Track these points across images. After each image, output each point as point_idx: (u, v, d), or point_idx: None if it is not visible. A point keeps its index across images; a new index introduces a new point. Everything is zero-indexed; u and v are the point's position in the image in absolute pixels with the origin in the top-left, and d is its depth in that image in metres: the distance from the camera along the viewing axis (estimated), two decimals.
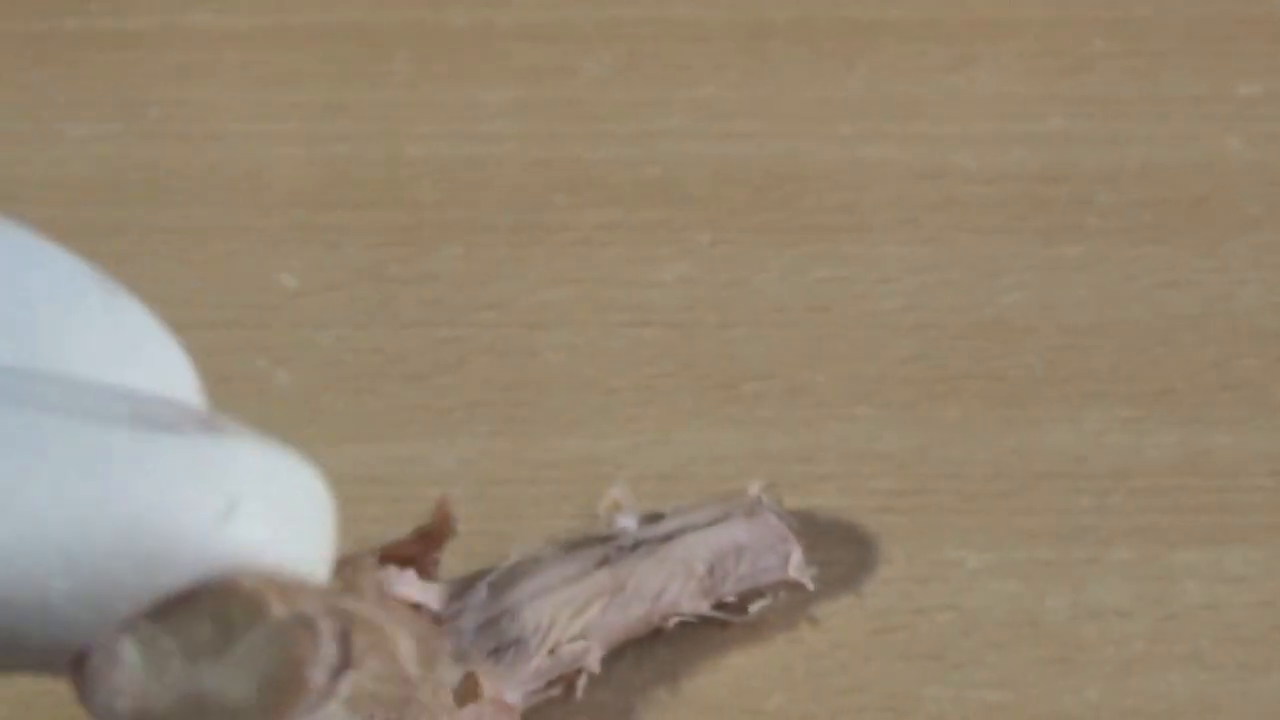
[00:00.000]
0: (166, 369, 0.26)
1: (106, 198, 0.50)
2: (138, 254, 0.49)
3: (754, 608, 0.43)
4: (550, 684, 0.41)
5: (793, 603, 0.43)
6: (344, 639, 0.22)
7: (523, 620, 0.40)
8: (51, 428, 0.21)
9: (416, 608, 0.40)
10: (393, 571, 0.40)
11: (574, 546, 0.42)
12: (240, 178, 0.50)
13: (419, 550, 0.41)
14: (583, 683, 0.41)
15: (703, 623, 0.42)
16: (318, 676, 0.21)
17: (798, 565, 0.43)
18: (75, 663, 0.21)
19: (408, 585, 0.40)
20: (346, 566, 0.40)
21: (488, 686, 0.39)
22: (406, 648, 0.32)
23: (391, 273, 0.49)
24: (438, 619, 0.40)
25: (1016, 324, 0.48)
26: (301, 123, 0.51)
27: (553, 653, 0.40)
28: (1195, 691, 0.42)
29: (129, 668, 0.20)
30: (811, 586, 0.43)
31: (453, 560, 0.41)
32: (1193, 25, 0.53)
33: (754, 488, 0.43)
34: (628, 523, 0.42)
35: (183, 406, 0.25)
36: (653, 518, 0.42)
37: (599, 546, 0.42)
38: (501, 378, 0.47)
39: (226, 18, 0.53)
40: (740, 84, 0.52)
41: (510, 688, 0.40)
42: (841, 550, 0.44)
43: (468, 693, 0.39)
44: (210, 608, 0.21)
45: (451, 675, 0.38)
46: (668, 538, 0.42)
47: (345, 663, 0.22)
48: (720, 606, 0.42)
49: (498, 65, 0.53)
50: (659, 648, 0.42)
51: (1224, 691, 0.42)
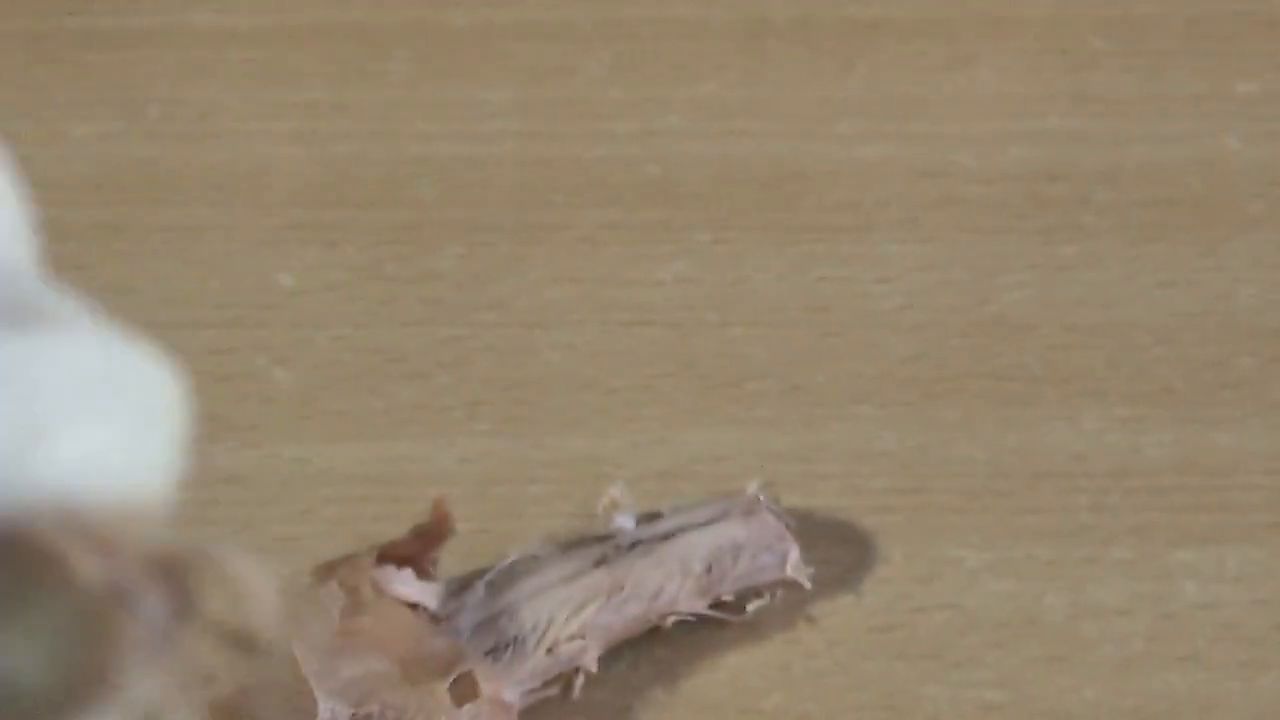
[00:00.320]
0: None
1: (107, 197, 0.50)
2: (138, 253, 0.49)
3: (752, 607, 0.43)
4: (548, 683, 0.41)
5: (791, 602, 0.43)
6: (176, 606, 0.17)
7: (520, 619, 0.40)
8: None
9: (414, 607, 0.40)
10: (391, 571, 0.40)
11: (572, 546, 0.42)
12: (240, 177, 0.50)
13: (417, 549, 0.41)
14: (580, 682, 0.41)
15: (700, 622, 0.42)
16: (129, 661, 0.16)
17: (796, 564, 0.43)
18: None
19: (405, 584, 0.40)
20: (344, 566, 0.40)
21: (485, 685, 0.39)
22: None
23: (391, 272, 0.49)
24: (435, 618, 0.40)
25: (1016, 323, 0.48)
26: (301, 122, 0.51)
27: (550, 652, 0.40)
28: (1193, 690, 0.42)
29: None
30: (809, 585, 0.43)
31: (451, 559, 0.41)
32: (1192, 24, 0.53)
33: (752, 487, 0.43)
34: (626, 522, 0.42)
35: None
36: (651, 517, 0.42)
37: (597, 546, 0.42)
38: (501, 377, 0.47)
39: (227, 17, 0.53)
40: (740, 84, 0.52)
41: (508, 687, 0.40)
42: (840, 549, 0.44)
43: (465, 692, 0.39)
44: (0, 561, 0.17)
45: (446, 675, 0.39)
46: (665, 537, 0.42)
47: (170, 640, 0.17)
48: (718, 606, 0.42)
49: (498, 65, 0.53)
50: (657, 647, 0.42)
51: (1222, 690, 0.42)
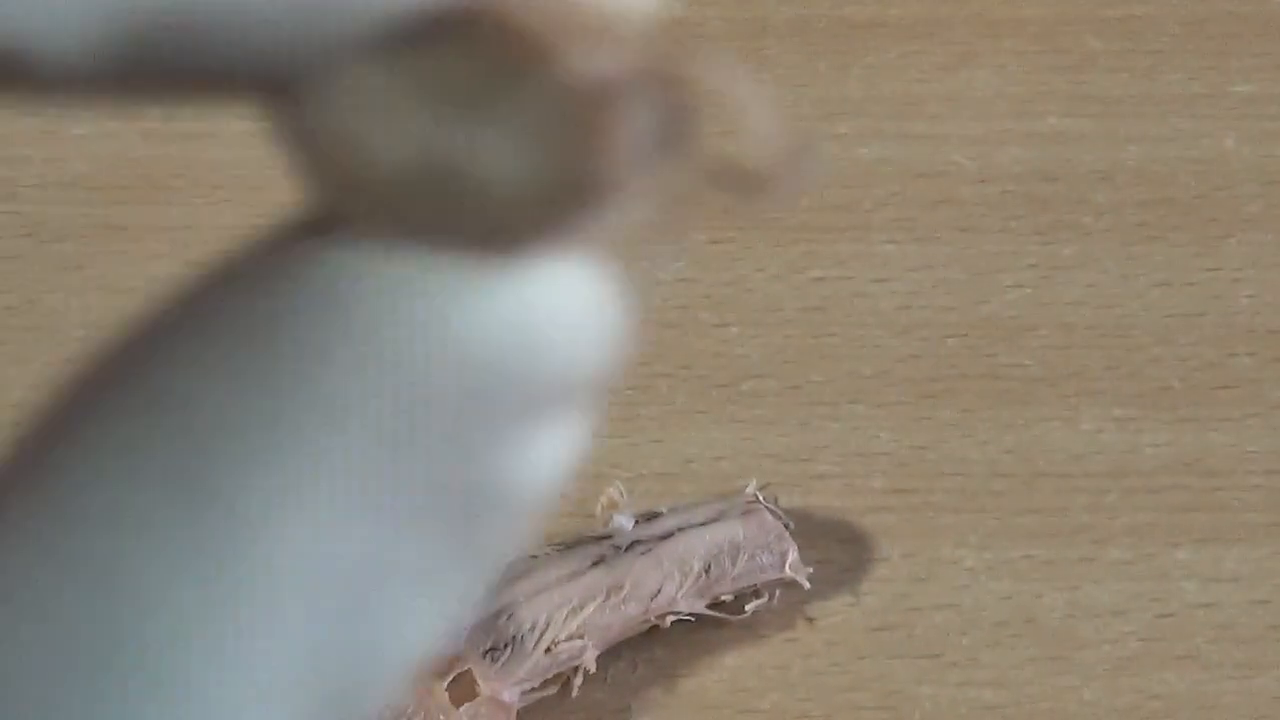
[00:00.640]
0: None
1: (106, 197, 0.50)
2: (138, 253, 0.49)
3: (750, 606, 0.43)
4: (546, 682, 0.41)
5: (789, 601, 0.43)
6: (668, 123, 0.15)
7: (519, 619, 0.40)
8: None
9: None
10: None
11: (570, 545, 0.42)
12: (241, 177, 0.50)
13: None
14: (579, 681, 0.41)
15: (699, 621, 0.42)
16: (614, 173, 0.15)
17: (794, 564, 0.43)
18: (274, 92, 0.15)
19: None
20: None
21: (484, 685, 0.39)
22: None
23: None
24: None
25: (1013, 323, 0.48)
26: None
27: (549, 651, 0.41)
28: (1191, 690, 0.42)
29: (351, 106, 0.15)
30: (808, 585, 0.43)
31: None
32: (1189, 25, 0.53)
33: (751, 486, 0.43)
34: (624, 521, 0.42)
35: None
36: (649, 516, 0.42)
37: (595, 545, 0.42)
38: None
39: None
40: None
41: (506, 686, 0.40)
42: (838, 549, 0.44)
43: (463, 691, 0.39)
44: (472, 43, 0.15)
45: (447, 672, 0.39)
46: (664, 536, 0.42)
47: (659, 158, 0.15)
48: (716, 605, 0.42)
49: None
50: (655, 646, 0.42)
51: (1220, 690, 0.42)
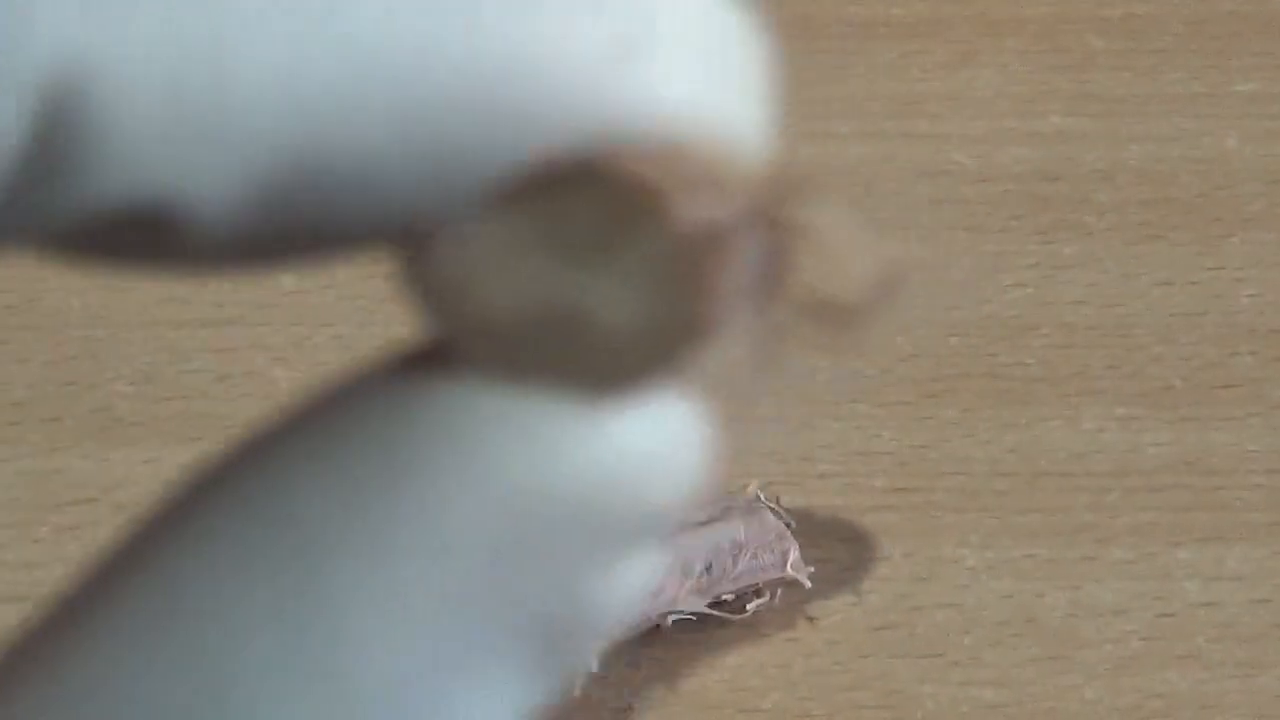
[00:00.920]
0: None
1: None
2: None
3: (751, 606, 0.43)
4: None
5: (790, 601, 0.43)
6: (771, 261, 0.16)
7: None
8: None
9: None
10: None
11: None
12: None
13: None
14: (579, 681, 0.41)
15: (700, 621, 0.42)
16: (721, 311, 0.15)
17: (795, 563, 0.43)
18: (403, 244, 0.16)
19: None
20: None
21: None
22: None
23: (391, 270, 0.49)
24: None
25: (1014, 322, 0.48)
26: None
27: None
28: (1193, 689, 0.42)
29: (475, 256, 0.15)
30: (809, 584, 0.43)
31: None
32: (1190, 24, 0.53)
33: (752, 485, 0.43)
34: None
35: None
36: None
37: None
38: None
39: None
40: None
41: None
42: (839, 548, 0.44)
43: None
44: (590, 196, 0.16)
45: None
46: None
47: (762, 296, 0.15)
48: (717, 604, 0.42)
49: None
50: (656, 646, 0.42)
51: (1221, 689, 0.42)
